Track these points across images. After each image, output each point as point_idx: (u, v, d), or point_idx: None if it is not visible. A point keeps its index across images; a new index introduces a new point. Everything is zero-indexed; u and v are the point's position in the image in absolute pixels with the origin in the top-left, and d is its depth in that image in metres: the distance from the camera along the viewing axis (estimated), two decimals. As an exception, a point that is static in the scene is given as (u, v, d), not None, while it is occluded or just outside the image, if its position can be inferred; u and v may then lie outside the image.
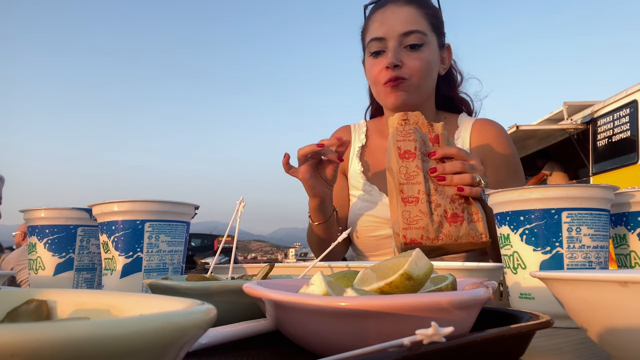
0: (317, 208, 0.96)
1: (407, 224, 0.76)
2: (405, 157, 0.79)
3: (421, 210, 0.76)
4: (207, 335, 0.38)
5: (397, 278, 0.35)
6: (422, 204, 0.77)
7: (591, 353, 0.39)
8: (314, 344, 0.35)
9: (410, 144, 0.80)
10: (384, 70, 0.98)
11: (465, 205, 0.79)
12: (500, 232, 0.58)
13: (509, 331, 0.32)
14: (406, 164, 0.79)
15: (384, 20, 0.99)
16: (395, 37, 0.97)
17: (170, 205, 0.64)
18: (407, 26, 0.97)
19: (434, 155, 0.81)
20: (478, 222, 0.78)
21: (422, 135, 0.82)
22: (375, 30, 0.99)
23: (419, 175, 0.78)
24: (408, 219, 0.76)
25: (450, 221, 0.77)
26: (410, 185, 0.78)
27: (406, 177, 0.78)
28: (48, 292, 0.29)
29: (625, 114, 4.70)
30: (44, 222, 0.73)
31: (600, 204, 0.54)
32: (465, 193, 0.78)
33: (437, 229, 0.76)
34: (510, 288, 0.58)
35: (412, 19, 0.98)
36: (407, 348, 0.24)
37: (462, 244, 0.77)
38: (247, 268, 0.76)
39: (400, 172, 0.79)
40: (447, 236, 0.76)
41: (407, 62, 0.97)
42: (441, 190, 0.79)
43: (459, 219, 0.77)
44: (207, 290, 0.45)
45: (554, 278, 0.33)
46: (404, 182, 0.78)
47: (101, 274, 0.69)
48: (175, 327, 0.17)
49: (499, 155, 1.02)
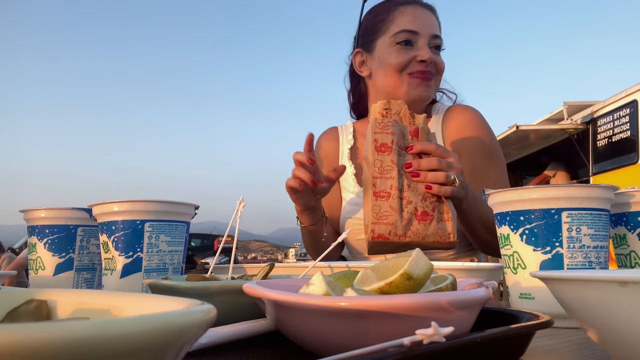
0: (305, 214, 0.95)
1: (376, 219, 0.76)
2: (381, 150, 0.78)
3: (392, 206, 0.76)
4: (207, 335, 0.38)
5: (397, 278, 0.35)
6: (394, 199, 0.76)
7: (591, 353, 0.39)
8: (314, 344, 0.35)
9: (388, 137, 0.79)
10: (416, 62, 0.99)
11: (436, 203, 0.78)
12: (500, 232, 0.58)
13: (509, 331, 0.32)
14: (381, 157, 0.78)
15: (417, 17, 1.01)
16: (427, 36, 1.00)
17: (170, 205, 0.64)
18: (435, 30, 1.02)
19: (411, 150, 0.79)
20: (448, 221, 0.78)
21: (402, 128, 0.80)
22: (408, 23, 1.01)
23: (393, 170, 0.77)
24: (378, 214, 0.76)
25: (419, 219, 0.76)
26: (383, 179, 0.77)
27: (380, 171, 0.77)
28: (48, 292, 0.29)
29: (625, 114, 4.70)
30: (44, 222, 0.73)
31: (600, 204, 0.54)
32: (434, 191, 0.77)
33: (406, 226, 0.76)
34: (510, 288, 0.58)
35: (436, 25, 1.04)
36: (407, 348, 0.24)
37: (428, 242, 0.76)
38: (247, 268, 0.76)
39: (374, 166, 0.77)
40: (414, 234, 0.76)
41: (437, 61, 1.01)
42: (414, 186, 0.78)
43: (428, 217, 0.77)
44: (207, 290, 0.45)
45: (554, 278, 0.33)
46: (377, 176, 0.77)
47: (101, 274, 0.69)
48: (175, 327, 0.17)
49: (472, 140, 1.02)
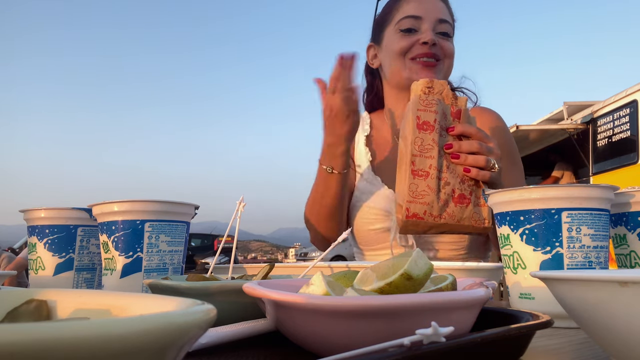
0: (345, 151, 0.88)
1: (412, 197, 0.75)
2: (423, 128, 0.77)
3: (429, 186, 0.75)
4: (207, 335, 0.38)
5: (397, 278, 0.35)
6: (432, 179, 0.75)
7: (591, 353, 0.39)
8: (314, 344, 0.35)
9: (431, 115, 0.77)
10: (418, 45, 0.97)
11: (474, 187, 0.77)
12: (500, 232, 0.58)
13: (509, 331, 0.32)
14: (422, 135, 0.76)
15: (421, 2, 0.99)
16: (432, 20, 0.98)
17: (170, 205, 0.64)
18: (443, 14, 0.99)
19: (452, 131, 0.78)
20: (484, 206, 0.77)
21: (444, 108, 0.79)
22: (412, 9, 0.99)
23: (433, 150, 0.76)
24: (414, 192, 0.75)
25: (456, 201, 0.75)
26: (422, 158, 0.76)
27: (420, 150, 0.76)
28: (48, 292, 0.29)
29: (625, 114, 4.69)
30: (44, 222, 0.73)
31: (600, 204, 0.54)
32: (472, 175, 0.76)
33: (442, 207, 0.75)
34: (510, 288, 0.58)
35: (445, 11, 1.00)
36: (407, 348, 0.24)
37: (463, 225, 0.76)
38: (247, 268, 0.76)
39: (415, 143, 0.76)
40: (450, 216, 0.75)
41: (443, 45, 0.98)
42: (453, 168, 0.77)
43: (465, 200, 0.76)
44: (207, 290, 0.45)
45: (554, 278, 0.33)
46: (416, 154, 0.76)
47: (101, 274, 0.69)
48: (175, 327, 0.17)
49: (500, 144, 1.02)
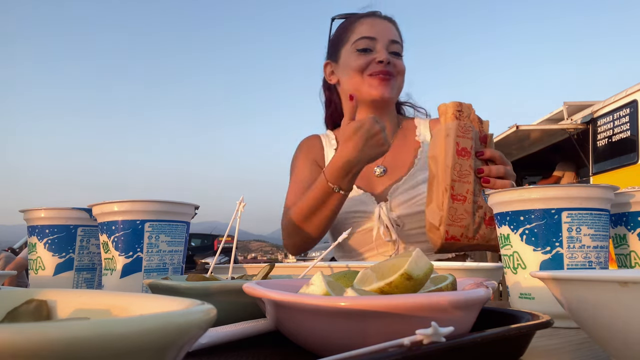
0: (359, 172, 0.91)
1: (451, 221, 0.80)
2: (462, 154, 0.82)
3: (466, 210, 0.80)
4: (207, 335, 0.38)
5: (397, 278, 0.35)
6: (468, 204, 0.81)
7: (591, 353, 0.39)
8: (314, 344, 0.35)
9: (468, 142, 0.83)
10: (374, 63, 1.05)
11: None
12: (500, 232, 0.58)
13: (509, 331, 0.32)
14: (461, 161, 0.82)
15: (374, 25, 1.09)
16: (385, 41, 1.07)
17: (170, 205, 0.64)
18: (394, 36, 1.09)
19: (482, 156, 0.84)
20: None
21: (476, 133, 0.85)
22: (366, 30, 1.08)
23: (470, 175, 0.81)
24: (453, 216, 0.80)
25: (487, 223, 0.81)
26: (461, 183, 0.81)
27: (459, 175, 0.81)
28: (48, 292, 0.29)
29: (625, 114, 4.69)
30: (44, 222, 0.73)
31: (600, 204, 0.54)
32: None
33: (475, 230, 0.81)
34: (510, 288, 0.58)
35: (395, 32, 1.11)
36: (407, 348, 0.24)
37: (491, 245, 0.81)
38: (247, 268, 0.76)
39: (455, 169, 0.81)
40: (482, 237, 0.81)
41: (396, 63, 1.08)
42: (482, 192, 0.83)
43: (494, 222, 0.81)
44: (207, 290, 0.45)
45: (554, 278, 0.33)
46: (456, 179, 0.81)
47: (101, 274, 0.69)
48: (175, 327, 0.17)
49: None
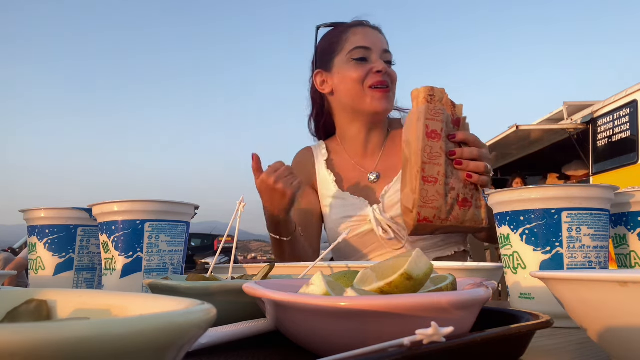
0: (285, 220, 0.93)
1: (423, 202, 0.81)
2: (432, 136, 0.83)
3: (438, 192, 0.81)
4: (207, 335, 0.38)
5: (397, 278, 0.35)
6: (440, 185, 0.81)
7: (591, 353, 0.39)
8: (314, 344, 0.35)
9: (438, 124, 0.83)
10: (372, 74, 1.04)
11: (474, 191, 0.84)
12: (500, 232, 0.58)
13: (509, 331, 0.32)
14: (431, 143, 0.82)
15: (367, 34, 1.08)
16: (379, 50, 1.07)
17: (170, 205, 0.64)
18: (386, 45, 1.09)
19: (454, 138, 0.84)
20: (482, 208, 0.84)
21: (447, 116, 0.85)
22: (361, 40, 1.07)
23: (441, 157, 0.82)
24: (425, 198, 0.81)
25: (460, 205, 0.83)
26: (432, 165, 0.82)
27: (429, 157, 0.82)
28: (48, 292, 0.29)
29: (625, 114, 4.69)
30: (44, 222, 0.73)
31: (600, 204, 0.54)
32: (474, 180, 0.83)
33: (448, 211, 0.82)
34: (510, 288, 0.58)
35: (386, 42, 1.11)
36: (407, 348, 0.24)
37: (465, 226, 0.83)
38: (247, 268, 0.76)
39: (424, 151, 0.82)
40: (455, 218, 0.82)
41: (390, 72, 1.07)
42: (456, 173, 0.83)
43: (467, 203, 0.83)
44: (207, 290, 0.45)
45: (554, 278, 0.33)
46: (426, 162, 0.81)
47: (101, 274, 0.69)
48: (175, 327, 0.17)
49: None
